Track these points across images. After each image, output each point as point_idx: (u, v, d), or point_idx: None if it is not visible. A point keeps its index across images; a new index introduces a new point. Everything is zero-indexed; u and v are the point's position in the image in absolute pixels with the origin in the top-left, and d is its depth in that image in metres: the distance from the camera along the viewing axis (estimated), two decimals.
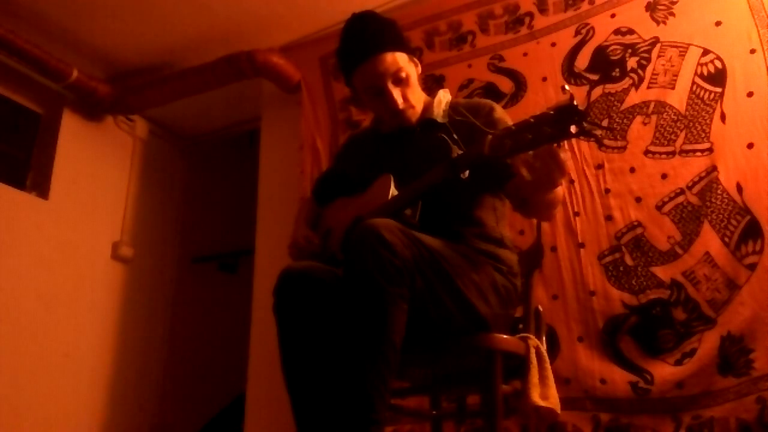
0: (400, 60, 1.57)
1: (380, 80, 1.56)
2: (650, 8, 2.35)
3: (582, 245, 2.23)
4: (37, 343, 2.97)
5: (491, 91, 2.57)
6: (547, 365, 1.51)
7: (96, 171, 3.47)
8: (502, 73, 2.60)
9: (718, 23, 2.20)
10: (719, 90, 2.13)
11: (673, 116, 2.20)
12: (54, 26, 3.05)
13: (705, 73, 2.18)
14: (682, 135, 2.16)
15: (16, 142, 3.29)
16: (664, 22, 2.31)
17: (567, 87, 1.18)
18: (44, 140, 3.35)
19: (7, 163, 3.22)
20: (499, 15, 2.68)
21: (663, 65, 2.26)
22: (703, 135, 2.12)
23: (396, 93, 1.57)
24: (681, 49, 2.24)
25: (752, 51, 2.11)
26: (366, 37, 1.57)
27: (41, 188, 3.22)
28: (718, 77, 2.15)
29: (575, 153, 2.33)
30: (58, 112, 3.36)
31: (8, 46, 2.89)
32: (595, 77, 2.38)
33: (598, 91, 2.36)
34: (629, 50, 2.34)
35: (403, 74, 1.57)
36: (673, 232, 2.09)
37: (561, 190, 1.50)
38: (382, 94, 1.58)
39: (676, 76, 2.22)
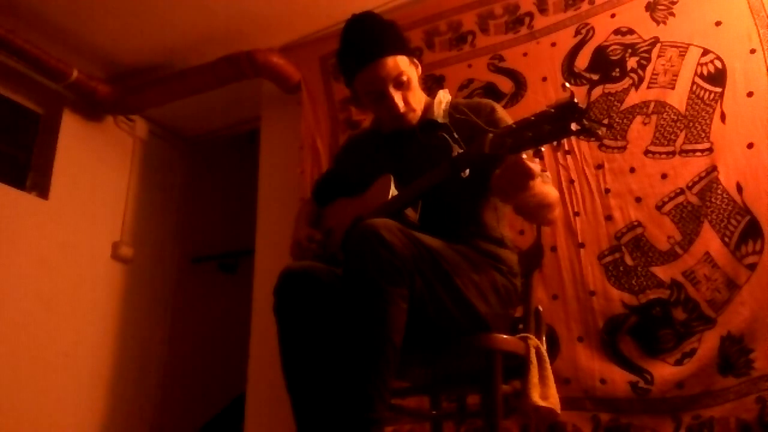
0: (401, 64, 1.57)
1: (381, 85, 1.56)
2: (650, 8, 2.35)
3: (582, 245, 2.23)
4: (37, 343, 2.97)
5: (491, 91, 2.57)
6: (547, 365, 1.51)
7: (96, 171, 3.47)
8: (502, 73, 2.60)
9: (718, 23, 2.20)
10: (719, 90, 2.13)
11: (673, 116, 2.20)
12: (54, 26, 3.04)
13: (705, 73, 2.18)
14: (682, 135, 2.16)
15: (16, 142, 3.29)
16: (664, 22, 2.31)
17: (567, 85, 1.18)
18: (44, 140, 3.35)
19: (7, 163, 3.22)
20: (499, 15, 2.68)
21: (663, 65, 2.26)
22: (703, 135, 2.12)
23: (397, 97, 1.57)
24: (681, 49, 2.24)
25: (752, 51, 2.11)
26: (367, 41, 1.56)
27: (41, 188, 3.22)
28: (718, 77, 2.15)
29: (575, 153, 2.33)
30: (58, 112, 3.36)
31: (8, 46, 2.89)
32: (595, 77, 2.38)
33: (598, 91, 2.36)
34: (629, 50, 2.34)
35: (404, 78, 1.57)
36: (673, 232, 2.09)
37: (553, 195, 1.47)
38: (383, 98, 1.58)
39: (676, 76, 2.22)
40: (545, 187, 1.42)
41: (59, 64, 3.10)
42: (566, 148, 2.34)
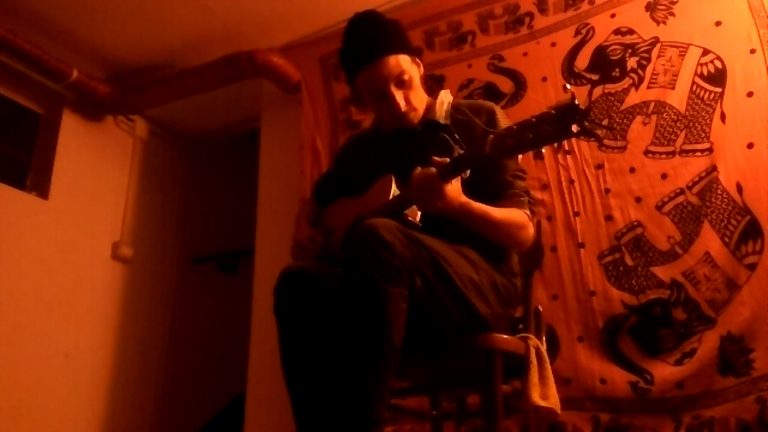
0: (404, 63, 1.57)
1: (383, 84, 1.56)
2: (650, 8, 2.35)
3: (582, 245, 2.23)
4: (37, 343, 2.97)
5: (491, 91, 2.57)
6: (547, 365, 1.51)
7: (96, 171, 3.47)
8: (502, 73, 2.60)
9: (718, 23, 2.20)
10: (719, 90, 2.13)
11: (673, 116, 2.20)
12: (54, 26, 3.04)
13: (705, 73, 2.18)
14: (682, 135, 2.16)
15: (16, 142, 3.28)
16: (664, 22, 2.31)
17: (568, 86, 1.18)
18: (44, 140, 3.34)
19: (7, 163, 3.22)
20: (499, 15, 2.68)
21: (663, 65, 2.26)
22: (703, 135, 2.12)
23: (399, 96, 1.57)
24: (681, 49, 2.24)
25: (752, 51, 2.11)
26: (369, 40, 1.57)
27: (41, 188, 3.21)
28: (718, 77, 2.15)
29: (575, 153, 2.33)
30: (58, 112, 3.36)
31: (8, 45, 2.89)
32: (595, 77, 2.38)
33: (598, 91, 2.36)
34: (629, 50, 2.34)
35: (406, 77, 1.57)
36: (673, 232, 2.09)
37: (502, 216, 1.48)
38: (384, 97, 1.58)
39: (676, 76, 2.22)
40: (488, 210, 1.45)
41: (59, 64, 3.10)
42: (566, 148, 2.34)
